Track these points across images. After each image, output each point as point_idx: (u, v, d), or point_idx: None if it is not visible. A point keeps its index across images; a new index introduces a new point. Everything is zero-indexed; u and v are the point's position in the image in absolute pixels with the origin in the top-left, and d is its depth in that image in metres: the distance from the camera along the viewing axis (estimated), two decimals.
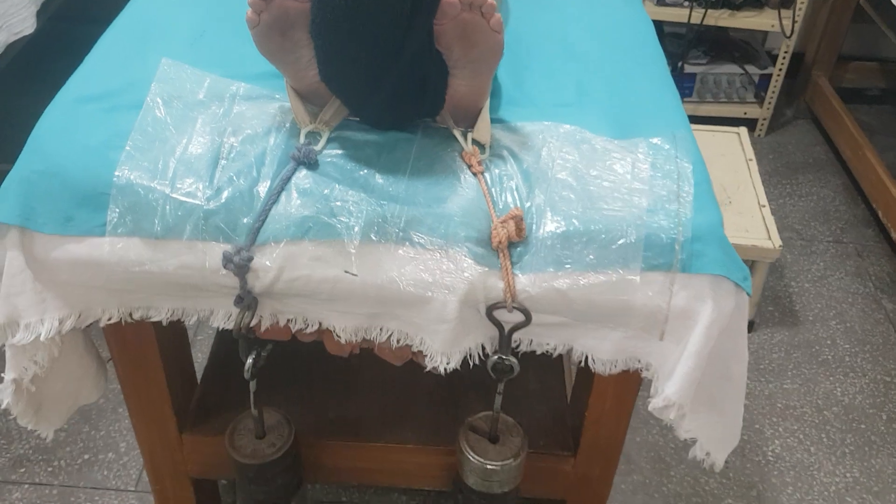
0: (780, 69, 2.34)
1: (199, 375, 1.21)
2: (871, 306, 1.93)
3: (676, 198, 0.84)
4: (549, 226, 0.83)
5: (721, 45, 2.46)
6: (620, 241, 0.82)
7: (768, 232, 1.70)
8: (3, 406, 0.95)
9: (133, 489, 1.48)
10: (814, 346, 1.83)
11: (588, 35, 1.11)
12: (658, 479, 1.55)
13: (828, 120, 2.41)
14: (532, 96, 0.99)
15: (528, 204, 0.85)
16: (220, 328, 0.89)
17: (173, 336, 1.04)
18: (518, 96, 0.99)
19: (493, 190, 0.86)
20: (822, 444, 1.63)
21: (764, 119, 2.46)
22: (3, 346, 0.91)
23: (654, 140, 0.90)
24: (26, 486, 1.48)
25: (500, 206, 0.85)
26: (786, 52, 2.31)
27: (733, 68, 2.43)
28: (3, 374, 0.94)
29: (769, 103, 2.42)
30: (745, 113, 2.45)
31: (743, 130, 1.99)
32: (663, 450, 1.60)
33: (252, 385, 0.95)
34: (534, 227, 0.84)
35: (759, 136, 2.48)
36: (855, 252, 2.09)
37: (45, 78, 2.14)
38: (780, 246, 1.67)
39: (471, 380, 1.15)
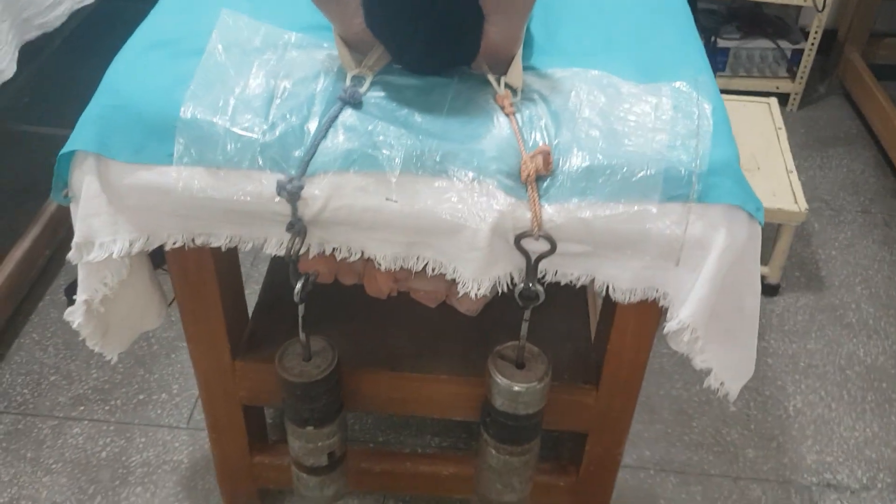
0: (812, 44, 2.37)
1: (249, 311, 1.30)
2: None
3: (696, 135, 0.90)
4: (575, 160, 0.90)
5: (754, 20, 2.49)
6: (640, 174, 0.89)
7: (794, 196, 1.74)
8: (75, 326, 1.06)
9: (185, 426, 1.59)
10: (838, 310, 1.87)
11: None
12: (680, 429, 1.62)
13: (860, 95, 2.43)
14: (562, 46, 1.06)
15: (555, 141, 0.92)
16: (271, 262, 0.96)
17: (229, 268, 1.13)
18: (549, 46, 1.06)
19: (523, 129, 0.94)
20: (842, 400, 1.68)
21: (796, 94, 2.49)
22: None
23: (677, 84, 0.96)
24: (85, 422, 1.59)
25: (530, 144, 0.93)
26: (818, 27, 2.34)
27: (766, 43, 2.46)
28: (74, 298, 1.04)
29: (801, 78, 2.45)
30: (777, 87, 2.48)
31: (773, 101, 2.03)
32: (686, 402, 1.66)
33: (300, 309, 1.04)
34: (560, 161, 0.91)
35: (791, 110, 2.51)
36: (883, 222, 2.12)
37: (102, 52, 2.26)
38: (805, 209, 1.72)
39: (499, 319, 1.22)
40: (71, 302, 1.79)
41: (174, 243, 0.97)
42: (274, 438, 1.49)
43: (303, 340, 1.08)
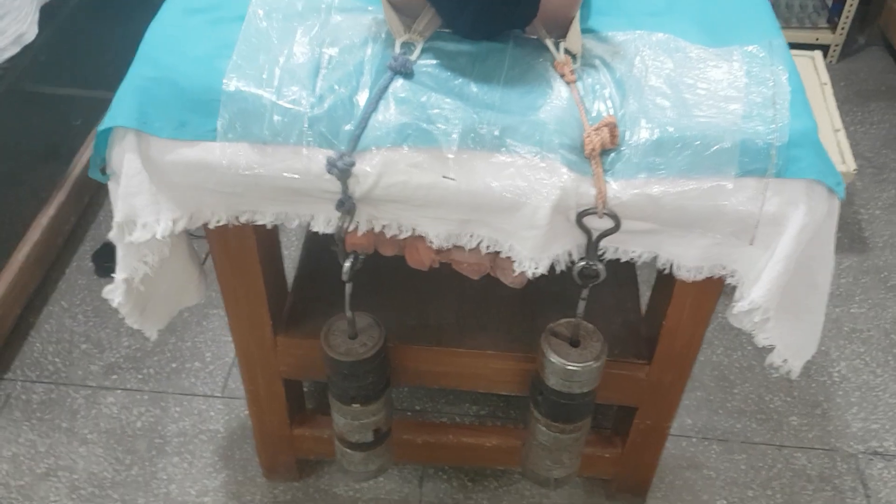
0: None
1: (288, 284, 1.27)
2: None
3: (772, 104, 0.85)
4: (643, 133, 0.85)
5: None
6: (715, 147, 0.83)
7: (842, 155, 1.68)
8: (115, 305, 1.02)
9: (219, 395, 1.57)
10: (882, 272, 1.82)
11: None
12: (722, 395, 1.59)
13: None
14: (621, 5, 1.00)
15: (621, 112, 0.87)
16: (308, 233, 0.91)
17: (269, 243, 1.09)
18: (607, 6, 1.00)
19: (585, 99, 0.88)
20: (888, 366, 1.64)
21: (836, 45, 2.40)
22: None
23: (750, 48, 0.90)
24: (119, 391, 1.58)
25: (594, 115, 0.87)
26: None
27: None
28: (103, 264, 1.00)
29: (842, 29, 2.36)
30: (818, 39, 2.39)
31: (818, 54, 1.95)
32: (727, 369, 1.63)
33: (348, 288, 1.00)
34: (627, 134, 0.86)
35: (830, 62, 2.42)
36: None
37: (120, 9, 2.19)
38: (854, 170, 1.66)
39: (544, 291, 1.18)
40: (99, 268, 1.78)
41: (218, 221, 0.93)
42: (310, 407, 1.47)
43: (349, 318, 1.04)
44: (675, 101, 0.87)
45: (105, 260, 1.79)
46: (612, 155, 0.86)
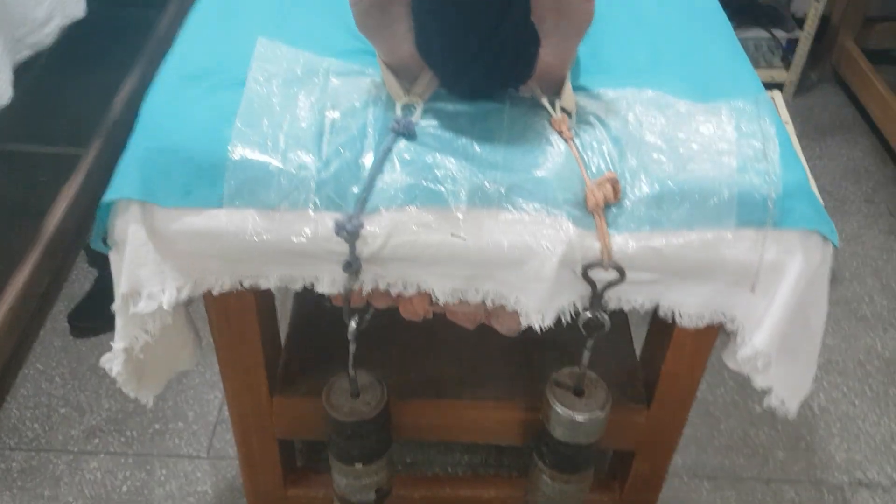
0: (810, 32, 2.37)
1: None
2: None
3: (764, 157, 0.88)
4: (643, 187, 0.87)
5: (747, 9, 2.48)
6: (714, 200, 0.86)
7: None
8: (113, 374, 1.00)
9: (205, 456, 1.54)
10: (852, 303, 1.88)
11: (655, 4, 1.14)
12: (709, 432, 1.61)
13: (855, 81, 2.43)
14: (607, 63, 1.03)
15: (620, 167, 0.89)
16: (302, 291, 0.91)
17: (267, 305, 1.09)
18: (594, 64, 1.03)
19: (584, 154, 0.90)
20: (865, 396, 1.69)
21: (791, 83, 2.49)
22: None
23: (737, 103, 0.94)
24: (102, 455, 1.53)
25: (593, 170, 0.89)
26: (815, 16, 2.33)
27: (760, 33, 2.46)
28: (77, 325, 0.98)
29: (796, 67, 2.45)
30: (772, 77, 2.48)
31: (777, 94, 2.03)
32: (712, 405, 1.66)
33: (352, 348, 1.00)
34: (627, 188, 0.88)
35: (786, 99, 2.51)
36: (887, 211, 2.13)
37: (87, 64, 2.18)
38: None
39: (541, 337, 1.19)
40: (74, 329, 1.74)
41: (222, 287, 0.92)
42: (301, 464, 1.45)
43: (352, 377, 1.04)
44: (672, 155, 0.89)
45: (80, 320, 1.75)
46: (615, 209, 0.88)
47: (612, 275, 0.89)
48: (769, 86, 2.34)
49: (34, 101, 1.99)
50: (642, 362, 1.21)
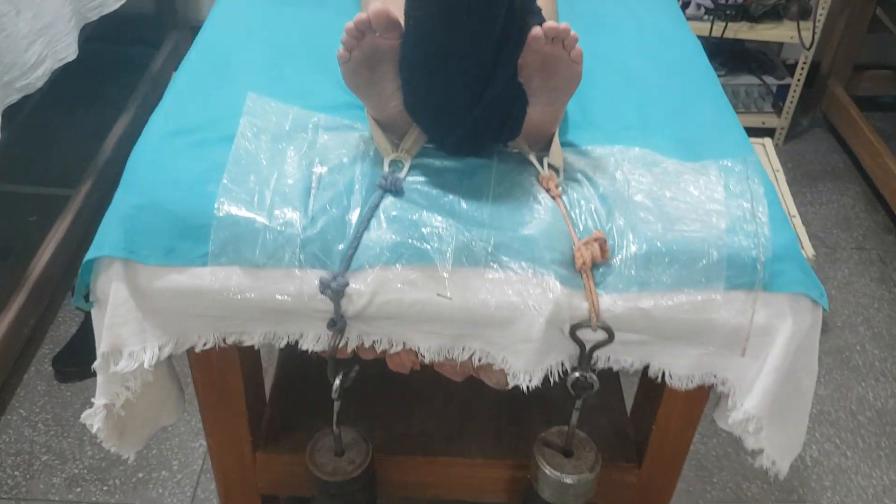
0: (799, 79, 2.39)
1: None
2: None
3: (753, 218, 0.88)
4: (632, 247, 0.87)
5: (738, 56, 2.51)
6: (703, 261, 0.85)
7: (801, 241, 1.74)
8: (93, 431, 0.98)
9: None
10: (844, 352, 1.87)
11: (643, 58, 1.14)
12: (702, 485, 1.59)
13: (845, 128, 2.45)
14: (596, 120, 1.03)
15: (608, 226, 0.88)
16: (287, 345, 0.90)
17: (251, 360, 1.07)
18: (582, 121, 1.03)
19: (572, 213, 0.90)
20: (857, 448, 1.67)
21: (782, 129, 2.51)
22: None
23: (725, 162, 0.94)
24: None
25: (581, 229, 0.89)
26: (804, 63, 2.36)
27: (750, 79, 2.48)
28: (92, 399, 0.97)
29: (787, 113, 2.47)
30: (763, 123, 2.49)
31: (768, 141, 2.03)
32: (704, 458, 1.64)
33: (336, 405, 0.98)
34: (615, 248, 0.87)
35: (777, 145, 2.53)
36: (878, 258, 2.13)
37: (75, 105, 2.18)
38: (813, 255, 1.71)
39: (531, 395, 1.17)
40: (59, 373, 1.72)
41: (205, 344, 0.91)
42: None
43: (336, 434, 1.02)
44: (659, 215, 0.89)
45: (66, 364, 1.73)
46: (603, 269, 0.87)
47: (600, 335, 0.88)
48: (760, 131, 2.37)
49: (24, 141, 1.99)
50: (633, 419, 1.20)
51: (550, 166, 0.93)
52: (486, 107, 0.86)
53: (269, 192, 0.86)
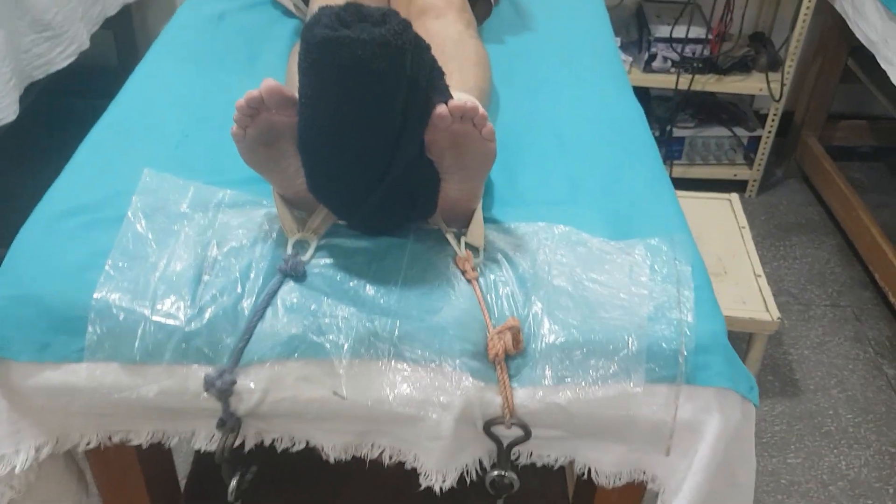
0: (770, 131, 2.35)
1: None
2: (871, 373, 1.90)
3: (677, 304, 0.81)
4: (548, 337, 0.80)
5: (708, 107, 2.47)
6: (622, 353, 0.79)
7: (765, 303, 1.67)
8: None
9: None
10: (816, 417, 1.79)
11: (580, 125, 1.09)
12: None
13: (819, 179, 2.41)
14: (524, 194, 0.97)
15: (524, 312, 0.82)
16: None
17: (157, 453, 1.00)
18: (510, 195, 0.97)
19: (488, 297, 0.83)
20: None
21: (754, 180, 2.46)
22: None
23: (652, 241, 0.88)
24: None
25: (496, 315, 0.82)
26: (775, 115, 2.32)
27: (722, 131, 2.44)
28: None
29: (759, 165, 2.42)
30: (735, 175, 2.44)
31: (734, 197, 1.98)
32: None
33: None
34: (531, 337, 0.81)
35: (749, 197, 2.47)
36: (853, 316, 2.06)
37: (33, 153, 2.12)
38: (778, 318, 1.64)
39: (468, 479, 1.10)
40: None
41: (88, 444, 0.84)
42: None
43: None
44: (579, 300, 0.82)
45: None
46: (518, 359, 0.81)
47: (517, 431, 0.81)
48: (732, 183, 2.31)
49: None
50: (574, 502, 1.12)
51: (468, 246, 0.87)
52: (391, 186, 0.81)
53: (155, 280, 0.80)
